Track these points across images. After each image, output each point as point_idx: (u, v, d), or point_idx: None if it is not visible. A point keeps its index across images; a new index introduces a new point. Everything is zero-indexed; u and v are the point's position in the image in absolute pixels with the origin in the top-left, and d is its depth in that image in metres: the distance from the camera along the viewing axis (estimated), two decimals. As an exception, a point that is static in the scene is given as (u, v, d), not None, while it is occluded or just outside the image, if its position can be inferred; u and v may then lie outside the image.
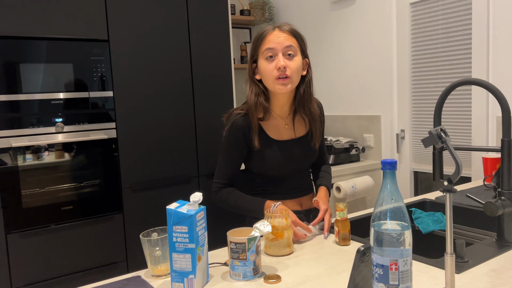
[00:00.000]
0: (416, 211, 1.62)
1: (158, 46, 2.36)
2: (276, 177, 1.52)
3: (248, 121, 1.45)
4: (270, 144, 1.47)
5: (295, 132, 1.52)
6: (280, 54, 1.38)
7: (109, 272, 2.24)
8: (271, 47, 1.38)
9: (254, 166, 1.51)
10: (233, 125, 1.45)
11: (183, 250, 0.99)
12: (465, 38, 2.34)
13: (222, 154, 1.50)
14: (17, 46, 2.00)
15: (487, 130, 2.26)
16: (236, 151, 1.47)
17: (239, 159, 1.50)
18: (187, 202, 1.03)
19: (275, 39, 1.38)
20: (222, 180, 1.50)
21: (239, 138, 1.45)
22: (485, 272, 1.04)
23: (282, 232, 1.20)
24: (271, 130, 1.49)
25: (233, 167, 1.49)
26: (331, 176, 1.67)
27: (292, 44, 1.40)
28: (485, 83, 1.00)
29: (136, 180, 2.32)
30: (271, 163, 1.48)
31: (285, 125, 1.51)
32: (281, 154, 1.48)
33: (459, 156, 2.49)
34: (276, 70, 1.37)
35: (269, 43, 1.39)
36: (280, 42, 1.38)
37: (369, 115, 2.90)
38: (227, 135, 1.47)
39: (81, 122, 2.17)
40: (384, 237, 0.82)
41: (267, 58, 1.39)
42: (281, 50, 1.38)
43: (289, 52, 1.39)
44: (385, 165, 0.84)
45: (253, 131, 1.44)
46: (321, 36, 3.20)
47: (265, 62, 1.40)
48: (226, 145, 1.48)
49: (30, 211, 2.05)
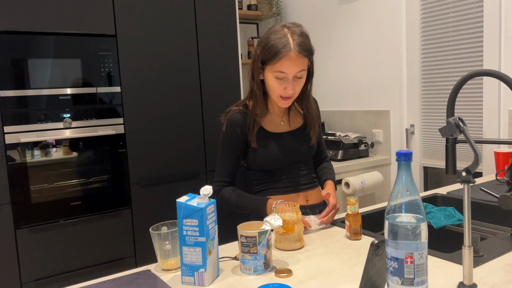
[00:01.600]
0: (428, 206, 1.60)
1: (166, 42, 2.35)
2: (277, 171, 1.51)
3: (244, 116, 1.46)
4: (267, 137, 1.48)
5: (291, 124, 1.54)
6: (291, 79, 1.36)
7: (118, 267, 2.24)
8: (284, 72, 1.34)
9: (253, 161, 1.50)
10: (229, 121, 1.47)
11: (193, 243, 0.98)
12: (476, 31, 2.31)
13: (221, 152, 1.51)
14: (25, 41, 2.00)
15: (498, 124, 2.23)
16: (235, 146, 1.47)
17: (238, 155, 1.49)
18: (197, 195, 1.02)
19: (290, 66, 1.33)
20: (222, 178, 1.50)
21: (236, 134, 1.46)
22: (500, 266, 1.01)
23: (293, 226, 1.19)
24: (267, 124, 1.50)
25: (232, 163, 1.49)
26: (334, 172, 1.65)
27: (304, 67, 1.37)
28: (501, 74, 0.97)
29: (144, 175, 2.32)
30: (269, 156, 1.48)
31: (281, 121, 1.52)
32: (278, 146, 1.48)
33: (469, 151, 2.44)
34: (283, 91, 1.38)
35: (283, 67, 1.34)
36: (294, 69, 1.34)
37: (378, 110, 2.87)
38: (224, 131, 1.48)
39: (89, 118, 2.17)
40: (399, 229, 0.81)
41: (277, 77, 1.36)
42: (292, 75, 1.35)
43: (299, 76, 1.38)
44: (400, 156, 0.82)
45: (250, 125, 1.45)
46: (329, 30, 3.17)
47: (274, 80, 1.37)
48: (225, 142, 1.49)
49: (39, 207, 2.06)
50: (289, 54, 1.32)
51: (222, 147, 1.50)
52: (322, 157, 1.69)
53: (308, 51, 1.37)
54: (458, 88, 1.11)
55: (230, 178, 1.50)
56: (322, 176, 1.62)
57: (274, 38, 1.34)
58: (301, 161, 1.55)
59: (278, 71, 1.34)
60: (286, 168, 1.51)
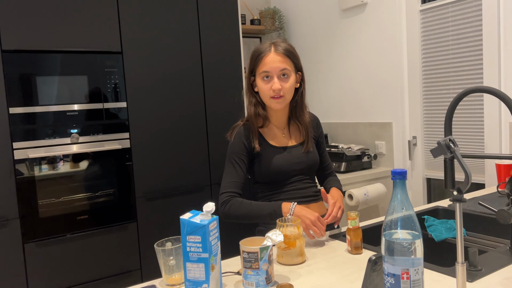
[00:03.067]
0: (429, 219, 1.62)
1: (170, 57, 2.40)
2: (280, 183, 1.56)
3: (248, 128, 1.55)
4: (269, 150, 1.55)
5: (292, 138, 1.62)
6: (275, 77, 1.48)
7: (124, 280, 2.26)
8: (267, 70, 1.48)
9: (258, 172, 1.56)
10: (235, 134, 1.57)
11: (196, 259, 1.01)
12: (476, 44, 2.34)
13: (227, 164, 1.55)
14: (33, 59, 2.05)
15: (500, 137, 2.24)
16: (242, 156, 1.53)
17: (244, 166, 1.54)
18: (200, 212, 1.05)
19: (271, 63, 1.47)
20: (230, 190, 1.50)
21: (242, 145, 1.53)
22: (498, 280, 1.03)
23: (294, 241, 1.21)
24: (270, 137, 1.58)
25: (239, 174, 1.53)
26: (341, 185, 1.68)
27: (287, 66, 1.49)
28: (495, 90, 1.00)
29: (150, 189, 2.35)
30: (271, 167, 1.53)
31: (282, 135, 1.60)
32: (280, 158, 1.55)
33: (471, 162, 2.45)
34: (271, 90, 1.48)
35: (265, 66, 1.48)
36: (276, 66, 1.47)
37: (380, 122, 2.89)
38: (231, 144, 1.57)
39: (96, 133, 2.21)
40: (395, 246, 0.83)
41: (263, 78, 1.50)
42: (276, 73, 1.48)
43: (283, 73, 1.49)
44: (395, 175, 0.85)
45: (254, 136, 1.54)
46: (331, 44, 3.21)
47: (262, 82, 1.51)
48: (231, 154, 1.55)
49: (46, 221, 2.09)
50: (270, 53, 1.48)
51: (229, 159, 1.55)
52: (328, 173, 1.74)
53: (289, 52, 1.51)
54: (455, 106, 1.14)
55: (238, 189, 1.52)
56: (327, 185, 1.68)
57: (258, 48, 1.53)
58: (304, 174, 1.59)
59: (263, 71, 1.48)
60: (289, 180, 1.56)
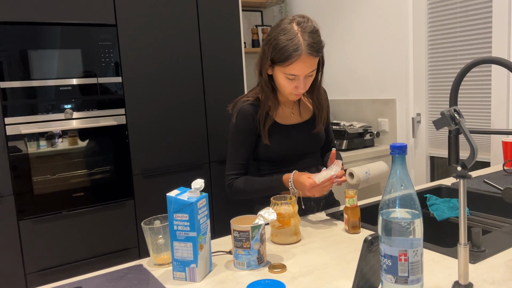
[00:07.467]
0: (431, 198, 1.56)
1: (167, 31, 2.31)
2: (285, 162, 1.50)
3: (256, 109, 1.45)
4: (277, 130, 1.47)
5: (302, 116, 1.54)
6: (302, 77, 1.35)
7: (122, 258, 2.24)
8: (296, 74, 1.34)
9: (263, 153, 1.49)
10: (240, 111, 1.45)
11: (184, 238, 0.96)
12: (485, 16, 2.23)
13: (232, 143, 1.49)
14: (25, 32, 1.98)
15: (507, 113, 2.16)
16: (247, 136, 1.46)
17: (250, 145, 1.48)
18: (188, 189, 0.99)
19: (302, 68, 1.32)
20: (235, 171, 1.48)
21: (248, 124, 1.45)
22: (502, 262, 0.98)
23: (289, 220, 1.16)
24: (278, 116, 1.49)
25: (244, 155, 1.48)
26: (341, 157, 1.63)
27: (315, 66, 1.36)
28: (505, 61, 0.92)
29: (147, 166, 2.31)
30: (280, 149, 1.47)
31: (291, 113, 1.52)
32: (289, 139, 1.48)
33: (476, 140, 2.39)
34: (295, 88, 1.37)
35: (295, 71, 1.32)
36: (306, 70, 1.33)
37: (384, 98, 2.81)
38: (235, 122, 1.46)
39: (90, 109, 2.15)
40: (393, 225, 0.78)
41: (288, 77, 1.35)
42: (304, 75, 1.35)
43: (310, 74, 1.37)
44: (394, 149, 0.79)
45: (261, 118, 1.44)
46: (335, 18, 3.10)
47: (285, 79, 1.36)
48: (236, 133, 1.47)
49: (41, 198, 2.06)
50: (301, 57, 1.30)
51: (233, 138, 1.48)
52: (330, 147, 1.66)
53: (320, 50, 1.35)
54: (462, 76, 1.06)
55: (244, 170, 1.49)
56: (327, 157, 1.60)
57: (284, 40, 1.31)
58: (309, 153, 1.54)
59: (290, 73, 1.33)
60: (294, 159, 1.51)
